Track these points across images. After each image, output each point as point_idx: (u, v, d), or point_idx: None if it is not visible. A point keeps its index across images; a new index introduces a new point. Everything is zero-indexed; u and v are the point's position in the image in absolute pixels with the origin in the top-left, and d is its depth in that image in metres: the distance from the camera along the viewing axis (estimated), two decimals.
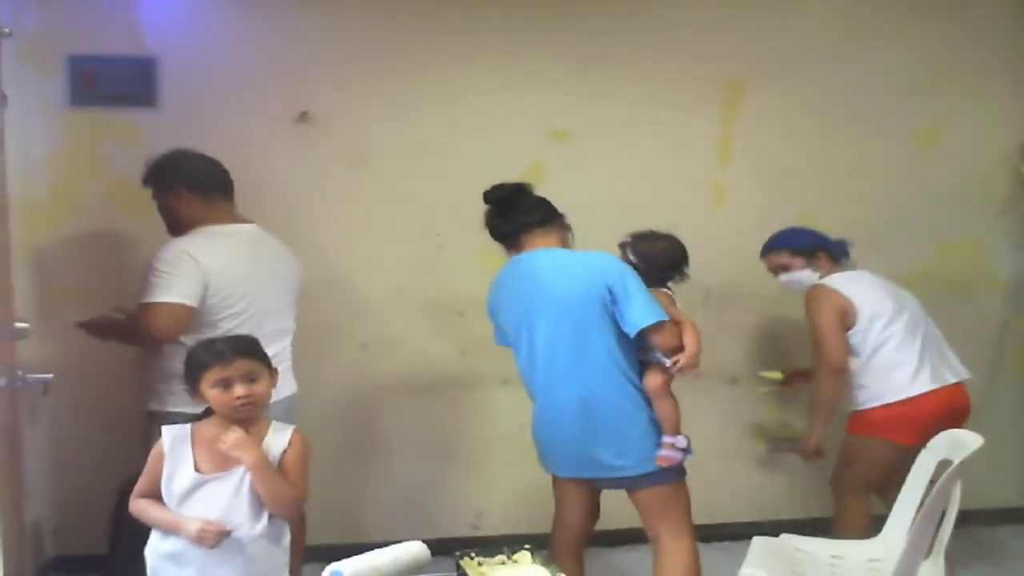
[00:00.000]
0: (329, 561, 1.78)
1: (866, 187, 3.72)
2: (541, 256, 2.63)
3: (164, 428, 2.11)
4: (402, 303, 3.53)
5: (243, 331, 2.68)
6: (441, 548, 1.97)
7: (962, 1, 3.71)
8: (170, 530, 2.04)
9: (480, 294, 2.85)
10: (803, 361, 3.33)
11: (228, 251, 2.71)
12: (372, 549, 1.81)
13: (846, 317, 3.01)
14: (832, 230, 3.69)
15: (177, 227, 2.77)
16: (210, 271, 2.64)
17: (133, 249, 3.34)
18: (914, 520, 2.46)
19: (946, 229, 3.79)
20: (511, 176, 3.53)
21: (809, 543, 2.71)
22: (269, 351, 2.73)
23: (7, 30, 2.23)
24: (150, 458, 2.11)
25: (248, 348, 2.12)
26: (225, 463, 2.05)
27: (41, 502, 3.30)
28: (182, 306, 2.61)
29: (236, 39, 3.36)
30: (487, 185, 3.52)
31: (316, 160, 3.41)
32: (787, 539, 2.72)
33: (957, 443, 2.48)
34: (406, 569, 1.86)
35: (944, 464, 2.45)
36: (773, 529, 2.78)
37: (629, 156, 3.55)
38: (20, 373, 2.35)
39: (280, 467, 2.08)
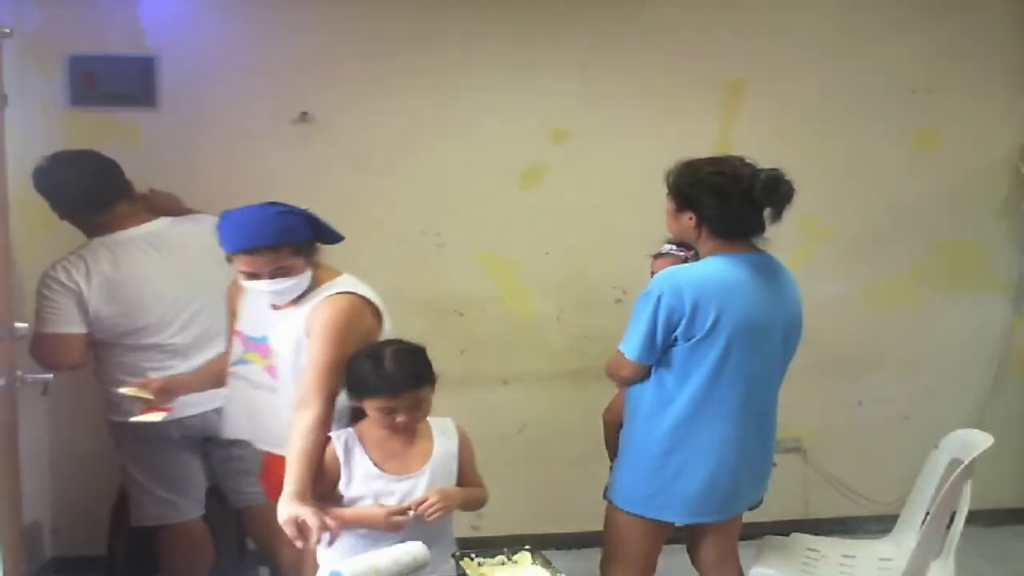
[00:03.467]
0: None
1: (866, 187, 3.71)
2: (778, 263, 2.31)
3: (332, 434, 2.08)
4: (402, 303, 3.44)
5: (167, 338, 2.65)
6: None
7: (962, 2, 3.71)
8: (357, 524, 2.01)
9: (480, 294, 2.83)
10: None
11: (114, 266, 2.62)
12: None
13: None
14: (831, 230, 3.71)
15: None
16: (90, 293, 2.58)
17: None
18: (925, 519, 2.46)
19: (946, 230, 3.77)
20: (511, 176, 3.55)
21: (821, 542, 2.72)
22: (210, 352, 2.68)
23: (8, 30, 2.23)
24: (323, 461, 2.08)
25: (418, 376, 2.07)
26: (406, 463, 2.07)
27: (40, 503, 3.29)
28: (65, 336, 2.58)
29: (237, 39, 3.35)
30: (487, 185, 3.54)
31: (316, 160, 3.40)
32: (798, 538, 2.72)
33: (967, 443, 2.48)
34: (406, 569, 1.86)
35: (954, 464, 2.44)
36: (783, 529, 2.79)
37: (629, 156, 3.55)
38: (20, 373, 2.35)
39: (459, 465, 2.13)
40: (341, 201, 3.42)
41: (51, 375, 2.43)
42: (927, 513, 2.47)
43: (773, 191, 2.16)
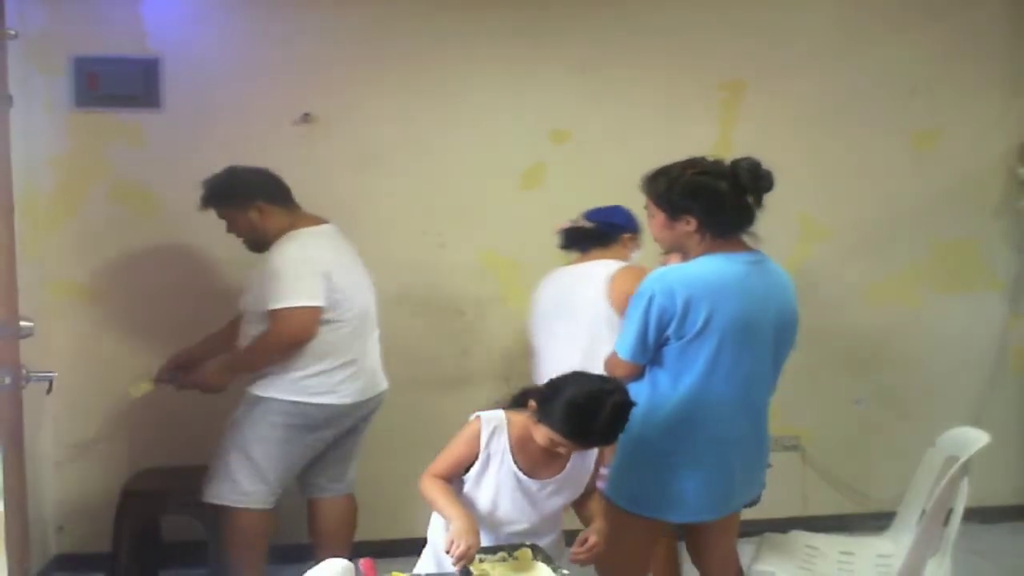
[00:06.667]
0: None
1: (864, 188, 3.73)
2: (770, 262, 2.28)
3: (484, 416, 2.08)
4: (403, 303, 3.53)
5: (360, 322, 2.83)
6: None
7: (960, 3, 3.73)
8: (444, 517, 2.00)
9: (480, 294, 2.83)
10: None
11: (331, 252, 2.79)
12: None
13: None
14: (831, 230, 3.73)
15: (261, 240, 2.80)
16: (328, 270, 2.72)
17: (136, 249, 3.35)
18: (922, 517, 2.47)
19: (944, 229, 3.80)
20: (511, 176, 3.56)
21: (819, 539, 2.73)
22: (371, 338, 2.92)
23: (13, 32, 2.24)
24: (463, 441, 2.08)
25: (615, 436, 2.02)
26: (537, 469, 2.06)
27: (45, 500, 3.31)
28: (312, 308, 2.69)
29: (240, 40, 3.37)
30: (487, 185, 3.56)
31: (318, 160, 3.42)
32: (797, 535, 2.73)
33: (964, 440, 2.48)
34: None
35: (951, 461, 2.45)
36: (781, 526, 2.80)
37: (629, 157, 3.53)
38: (24, 371, 2.36)
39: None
40: (343, 201, 3.45)
41: (55, 373, 2.44)
42: (924, 510, 2.48)
43: (757, 176, 2.17)
